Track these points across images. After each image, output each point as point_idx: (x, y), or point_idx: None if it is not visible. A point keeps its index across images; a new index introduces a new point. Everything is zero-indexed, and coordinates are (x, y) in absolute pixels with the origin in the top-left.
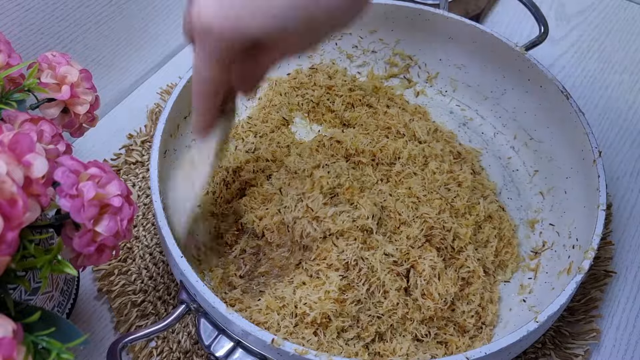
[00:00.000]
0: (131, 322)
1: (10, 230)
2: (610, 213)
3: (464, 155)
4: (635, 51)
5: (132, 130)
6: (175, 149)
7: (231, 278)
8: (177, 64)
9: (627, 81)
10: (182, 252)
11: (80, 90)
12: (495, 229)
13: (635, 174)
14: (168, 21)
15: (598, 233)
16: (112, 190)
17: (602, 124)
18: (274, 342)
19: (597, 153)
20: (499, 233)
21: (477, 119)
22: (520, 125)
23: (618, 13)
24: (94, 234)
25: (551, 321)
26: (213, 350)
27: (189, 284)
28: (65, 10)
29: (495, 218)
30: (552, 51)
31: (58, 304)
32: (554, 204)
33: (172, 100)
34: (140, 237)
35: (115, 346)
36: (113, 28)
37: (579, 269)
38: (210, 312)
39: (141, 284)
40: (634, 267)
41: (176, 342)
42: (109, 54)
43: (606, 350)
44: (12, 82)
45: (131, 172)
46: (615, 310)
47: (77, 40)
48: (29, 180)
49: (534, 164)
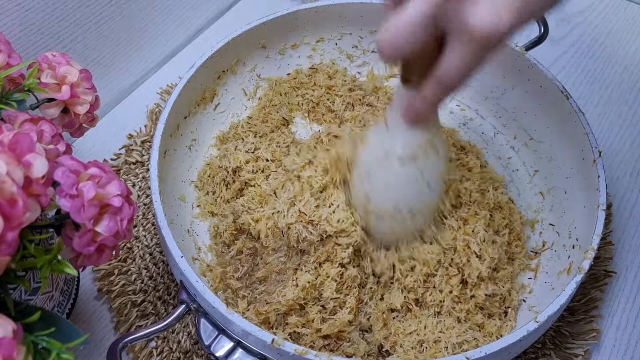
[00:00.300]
0: (131, 322)
1: (10, 230)
2: (610, 213)
3: (468, 149)
4: (635, 51)
5: (132, 130)
6: (175, 149)
7: (229, 280)
8: (177, 64)
9: (627, 81)
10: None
11: (80, 90)
12: (505, 219)
13: (635, 174)
14: (168, 21)
15: (598, 233)
16: (112, 190)
17: (602, 124)
18: (274, 342)
19: (597, 153)
20: (509, 224)
21: (477, 119)
22: (520, 125)
23: (618, 13)
24: (94, 234)
25: (551, 321)
26: (213, 350)
27: (189, 284)
28: (65, 10)
29: (506, 209)
30: (552, 51)
31: (58, 304)
32: (554, 204)
33: (172, 100)
34: (140, 237)
35: (115, 346)
36: (113, 28)
37: (579, 269)
38: (210, 312)
39: (141, 284)
40: (634, 267)
41: (176, 342)
42: (109, 54)
43: (606, 350)
44: (12, 82)
45: (131, 172)
46: (615, 310)
47: (77, 40)
48: (29, 180)
49: (534, 164)
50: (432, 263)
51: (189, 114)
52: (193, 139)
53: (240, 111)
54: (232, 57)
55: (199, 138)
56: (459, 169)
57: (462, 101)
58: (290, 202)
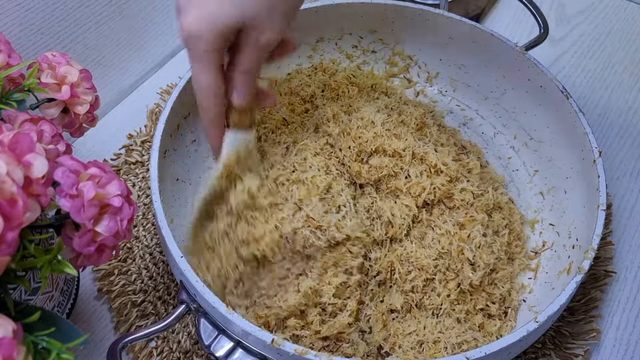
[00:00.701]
0: (131, 322)
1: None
2: (610, 213)
3: (469, 149)
4: (635, 51)
5: (132, 130)
6: (175, 149)
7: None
8: (177, 64)
9: (627, 81)
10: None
11: (80, 90)
12: (504, 219)
13: (635, 174)
14: (168, 21)
15: (598, 233)
16: (112, 190)
17: (602, 124)
18: (274, 342)
19: (597, 153)
20: (508, 225)
21: (477, 119)
22: (520, 125)
23: (618, 13)
24: (94, 234)
25: (551, 321)
26: (213, 350)
27: (189, 284)
28: (65, 10)
29: (505, 209)
30: (552, 51)
31: (58, 304)
32: (554, 204)
33: (172, 100)
34: (140, 237)
35: (115, 346)
36: (113, 28)
37: (579, 269)
38: (210, 312)
39: (141, 284)
40: (634, 267)
41: (176, 342)
42: (109, 54)
43: (606, 350)
44: (12, 82)
45: (131, 172)
46: (615, 310)
47: (77, 40)
48: (29, 180)
49: (534, 164)
50: (429, 268)
51: (189, 114)
52: (193, 139)
53: None
54: None
55: (199, 138)
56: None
57: (462, 101)
58: (295, 207)
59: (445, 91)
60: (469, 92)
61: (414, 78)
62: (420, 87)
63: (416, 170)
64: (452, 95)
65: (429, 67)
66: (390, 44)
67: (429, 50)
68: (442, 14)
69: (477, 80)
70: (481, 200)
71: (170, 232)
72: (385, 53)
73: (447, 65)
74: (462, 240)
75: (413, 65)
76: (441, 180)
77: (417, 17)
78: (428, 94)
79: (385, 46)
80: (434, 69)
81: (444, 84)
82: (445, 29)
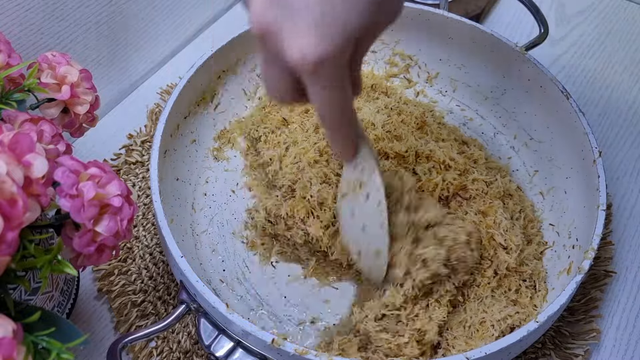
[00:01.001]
0: (131, 322)
1: (10, 230)
2: (610, 213)
3: (471, 143)
4: (635, 51)
5: (132, 130)
6: (175, 149)
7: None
8: (177, 64)
9: (627, 81)
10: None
11: (80, 90)
12: (517, 205)
13: (635, 174)
14: (168, 21)
15: (598, 233)
16: (112, 190)
17: (602, 124)
18: (274, 342)
19: (597, 153)
20: (522, 210)
21: (477, 119)
22: (520, 125)
23: (618, 13)
24: (94, 234)
25: (551, 321)
26: (213, 350)
27: (189, 284)
28: (65, 10)
29: (516, 196)
30: (552, 51)
31: (58, 304)
32: (554, 204)
33: (172, 100)
34: (140, 237)
35: (115, 346)
36: (113, 28)
37: (579, 269)
38: (210, 312)
39: (141, 284)
40: (634, 267)
41: (176, 342)
42: (109, 54)
43: (606, 350)
44: (12, 82)
45: (131, 172)
46: (615, 310)
47: (77, 40)
48: (29, 180)
49: (534, 164)
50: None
51: (189, 114)
52: (193, 139)
53: (240, 111)
54: (232, 57)
55: (199, 138)
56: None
57: (462, 101)
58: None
59: (445, 91)
60: (469, 92)
61: (414, 78)
62: (420, 87)
63: (423, 168)
64: (452, 95)
65: (429, 67)
66: (390, 44)
67: (429, 50)
68: (442, 14)
69: (477, 80)
70: (493, 188)
71: (170, 232)
72: (385, 53)
73: (447, 65)
74: (490, 227)
75: (413, 65)
76: (452, 175)
77: (417, 17)
78: (428, 94)
79: (385, 46)
80: (434, 69)
81: (444, 84)
82: (445, 29)
